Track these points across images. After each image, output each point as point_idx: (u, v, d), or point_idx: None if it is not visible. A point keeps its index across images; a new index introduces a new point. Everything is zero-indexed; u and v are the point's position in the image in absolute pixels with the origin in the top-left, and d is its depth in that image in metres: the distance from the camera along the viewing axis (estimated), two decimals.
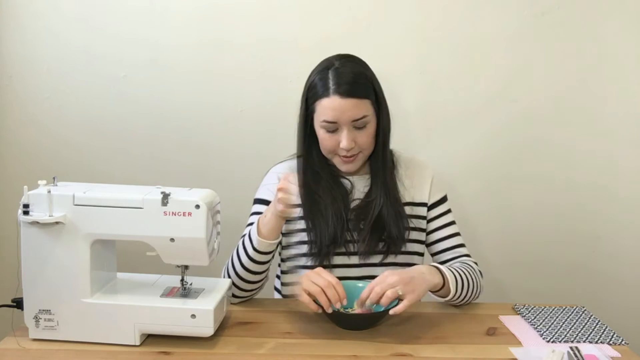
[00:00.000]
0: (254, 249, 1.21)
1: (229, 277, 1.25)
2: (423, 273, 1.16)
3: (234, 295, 1.26)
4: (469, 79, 1.78)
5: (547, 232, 1.87)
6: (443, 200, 1.39)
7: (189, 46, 1.74)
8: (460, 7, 1.74)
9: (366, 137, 1.26)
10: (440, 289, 1.20)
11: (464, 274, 1.25)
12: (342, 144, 1.24)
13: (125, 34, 1.73)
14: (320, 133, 1.27)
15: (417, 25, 1.75)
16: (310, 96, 1.27)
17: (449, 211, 1.39)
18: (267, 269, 1.26)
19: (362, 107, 1.23)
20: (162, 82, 1.76)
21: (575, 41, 1.76)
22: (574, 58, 1.77)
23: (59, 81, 1.75)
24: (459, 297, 1.23)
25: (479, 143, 1.82)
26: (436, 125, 1.80)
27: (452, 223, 1.39)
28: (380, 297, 1.09)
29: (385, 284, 1.10)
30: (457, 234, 1.38)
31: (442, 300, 1.24)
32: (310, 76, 1.29)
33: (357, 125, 1.24)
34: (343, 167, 1.30)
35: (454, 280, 1.21)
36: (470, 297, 1.27)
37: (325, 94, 1.23)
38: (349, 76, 1.23)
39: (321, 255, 1.28)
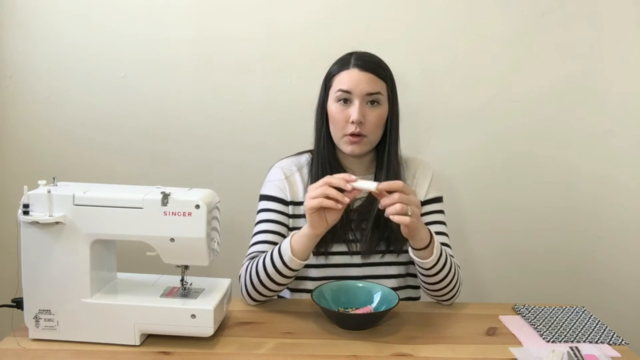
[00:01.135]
0: (285, 264, 1.17)
1: (251, 282, 1.21)
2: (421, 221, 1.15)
3: (251, 299, 1.24)
4: (469, 79, 1.78)
5: (547, 232, 1.87)
6: (437, 200, 1.38)
7: (190, 44, 1.74)
8: (460, 7, 1.74)
9: (376, 118, 1.27)
10: (425, 248, 1.16)
11: (450, 258, 1.22)
12: (353, 116, 1.25)
13: (126, 32, 1.73)
14: (333, 108, 1.28)
15: (417, 25, 1.75)
16: (329, 77, 1.31)
17: (441, 212, 1.37)
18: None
19: (378, 85, 1.27)
20: (162, 80, 1.76)
21: (575, 41, 1.77)
22: (574, 58, 1.77)
23: (60, 80, 1.75)
24: (436, 271, 1.19)
25: (479, 143, 1.82)
26: (436, 125, 1.81)
27: (442, 223, 1.36)
28: (391, 202, 1.07)
29: (405, 197, 1.07)
30: (444, 234, 1.34)
31: (419, 261, 1.18)
32: (329, 68, 1.33)
33: (370, 99, 1.26)
34: (348, 148, 1.29)
35: (439, 250, 1.17)
36: (447, 283, 1.22)
37: (344, 68, 1.28)
38: (371, 58, 1.30)
39: (319, 253, 1.29)
